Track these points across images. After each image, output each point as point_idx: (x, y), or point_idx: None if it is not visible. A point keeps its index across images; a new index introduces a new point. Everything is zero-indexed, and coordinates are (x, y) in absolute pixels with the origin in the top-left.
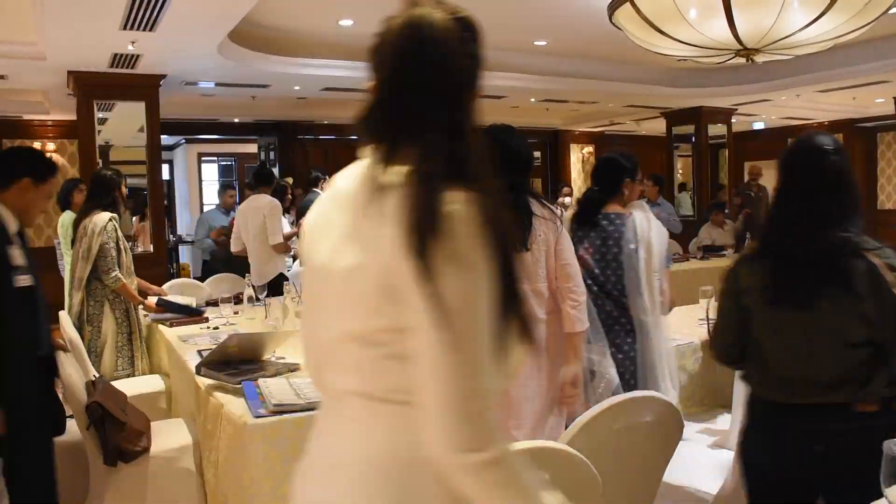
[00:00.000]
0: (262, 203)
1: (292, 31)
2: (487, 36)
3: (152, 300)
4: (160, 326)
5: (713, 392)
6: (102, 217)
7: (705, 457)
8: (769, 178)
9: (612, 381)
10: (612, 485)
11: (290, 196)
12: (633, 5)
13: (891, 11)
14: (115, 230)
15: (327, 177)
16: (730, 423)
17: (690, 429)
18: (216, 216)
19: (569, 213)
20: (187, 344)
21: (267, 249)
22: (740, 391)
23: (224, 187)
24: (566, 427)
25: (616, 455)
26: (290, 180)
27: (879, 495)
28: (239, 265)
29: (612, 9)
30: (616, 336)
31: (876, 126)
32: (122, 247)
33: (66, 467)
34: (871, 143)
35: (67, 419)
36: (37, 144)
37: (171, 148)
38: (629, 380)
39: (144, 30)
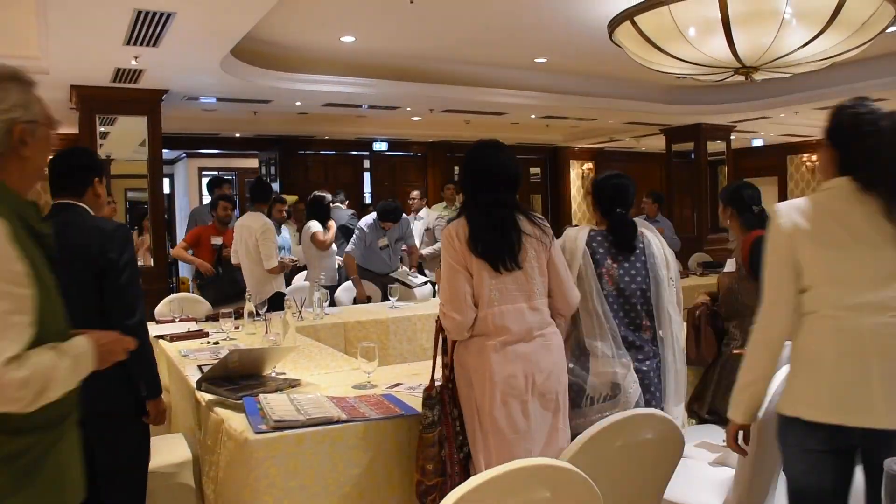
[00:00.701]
0: (255, 225)
1: (294, 47)
2: (489, 53)
3: None
4: (160, 341)
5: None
6: None
7: (706, 474)
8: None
9: (634, 395)
10: (612, 502)
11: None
12: (633, 23)
13: (888, 31)
14: None
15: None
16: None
17: (690, 443)
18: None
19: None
20: (187, 359)
21: (260, 270)
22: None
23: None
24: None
25: (617, 472)
26: (295, 197)
27: None
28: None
29: (612, 27)
30: (638, 352)
31: None
32: None
33: None
34: None
35: None
36: None
37: (171, 162)
38: (653, 394)
39: (148, 45)
